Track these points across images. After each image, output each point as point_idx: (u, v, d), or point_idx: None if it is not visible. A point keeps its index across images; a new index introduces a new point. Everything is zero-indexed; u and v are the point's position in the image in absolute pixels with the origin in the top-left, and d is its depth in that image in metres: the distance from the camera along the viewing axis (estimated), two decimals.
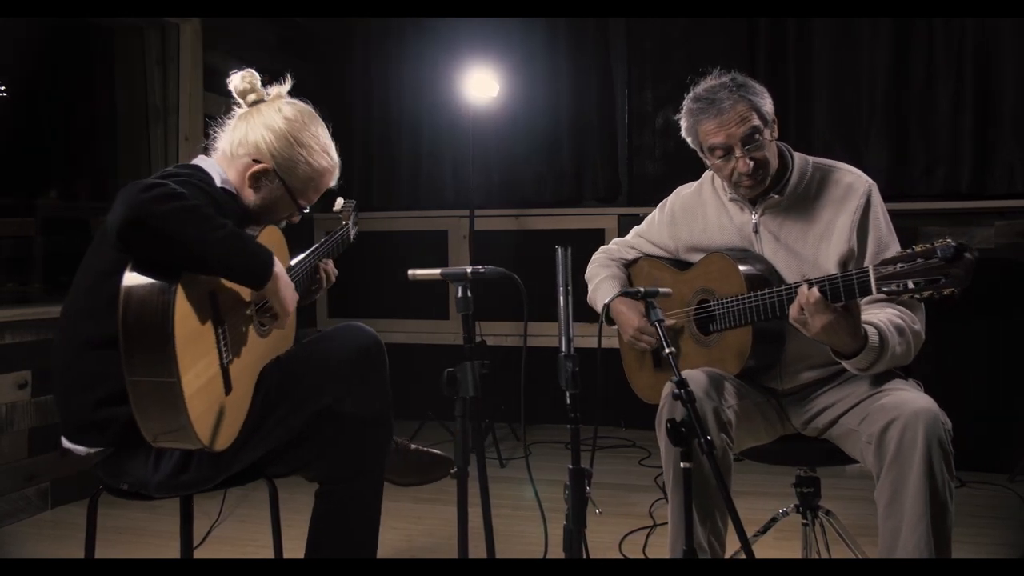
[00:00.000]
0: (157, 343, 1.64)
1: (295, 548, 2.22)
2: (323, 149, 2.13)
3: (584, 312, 2.44)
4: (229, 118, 2.14)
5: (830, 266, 2.23)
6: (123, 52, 4.50)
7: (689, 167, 2.60)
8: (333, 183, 2.21)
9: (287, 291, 1.91)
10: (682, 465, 1.85)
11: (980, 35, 4.39)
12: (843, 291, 1.93)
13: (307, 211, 2.17)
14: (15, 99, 4.60)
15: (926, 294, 1.80)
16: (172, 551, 2.46)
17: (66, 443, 1.93)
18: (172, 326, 1.64)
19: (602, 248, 2.79)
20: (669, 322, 2.42)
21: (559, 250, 1.86)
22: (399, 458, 2.42)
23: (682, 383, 1.83)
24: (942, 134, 4.51)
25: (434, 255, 5.07)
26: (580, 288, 2.58)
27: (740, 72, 2.32)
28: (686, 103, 2.33)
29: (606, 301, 2.24)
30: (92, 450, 1.91)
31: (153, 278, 1.67)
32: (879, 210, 2.26)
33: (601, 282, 2.64)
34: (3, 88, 4.44)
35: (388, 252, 5.08)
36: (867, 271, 1.88)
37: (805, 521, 2.40)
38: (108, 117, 4.65)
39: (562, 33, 5.13)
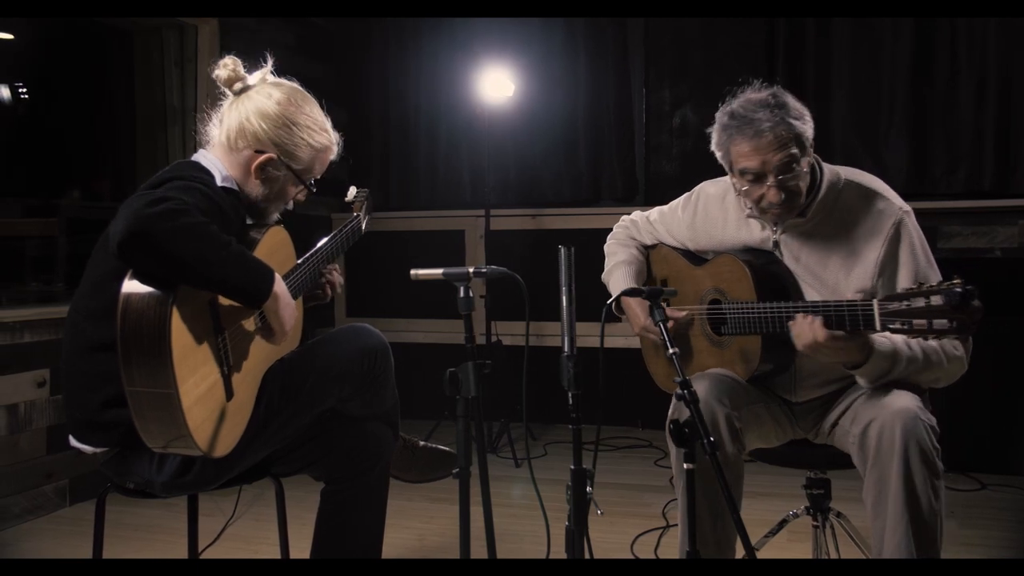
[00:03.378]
0: (154, 354, 1.64)
1: (308, 547, 2.23)
2: (320, 127, 2.10)
3: (591, 312, 2.42)
4: (218, 108, 2.11)
5: (849, 296, 2.12)
6: (142, 53, 4.55)
7: (706, 167, 2.54)
8: (334, 156, 2.18)
9: (286, 311, 1.89)
10: (685, 466, 1.83)
11: (1003, 32, 4.34)
12: (847, 322, 1.90)
13: (315, 189, 2.15)
14: (36, 101, 4.66)
15: (931, 337, 1.76)
16: (185, 548, 2.48)
17: (73, 442, 1.95)
18: (169, 338, 1.64)
19: (624, 220, 2.68)
20: (679, 313, 2.38)
21: (562, 250, 1.86)
22: (407, 455, 2.42)
23: (685, 384, 1.82)
24: (964, 132, 4.46)
25: (451, 255, 5.07)
26: (583, 288, 2.57)
27: (758, 74, 2.21)
28: (720, 116, 2.15)
29: (609, 302, 2.18)
30: (98, 450, 1.93)
31: (151, 288, 1.67)
32: (914, 240, 2.13)
33: (616, 266, 2.55)
34: (24, 90, 4.50)
35: (405, 252, 5.09)
36: (871, 305, 1.84)
37: (815, 523, 2.38)
38: (128, 118, 4.70)
39: (579, 32, 5.12)
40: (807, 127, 2.09)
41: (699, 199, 2.45)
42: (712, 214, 2.40)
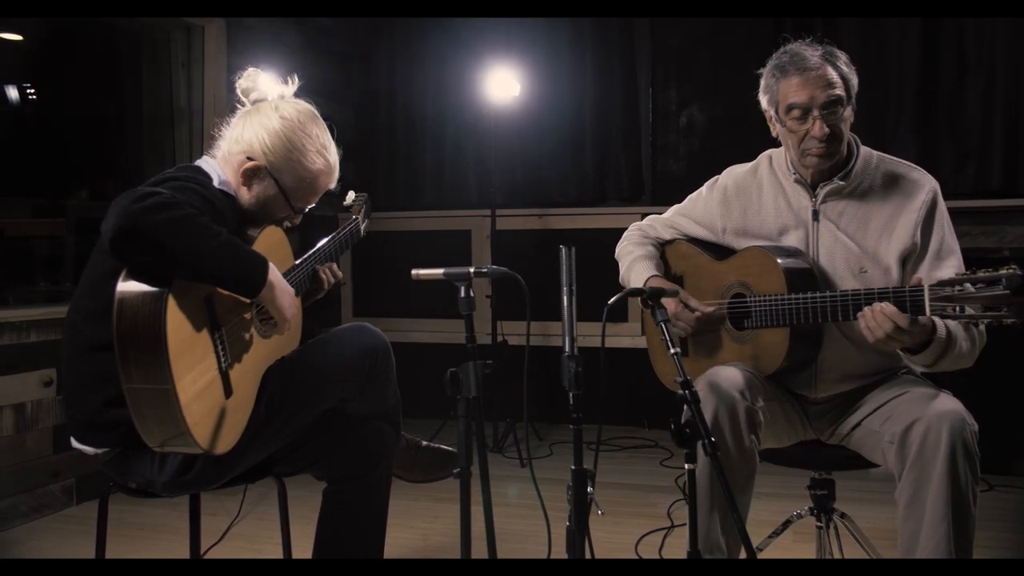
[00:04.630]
0: (150, 350, 1.65)
1: (311, 547, 2.23)
2: (318, 151, 2.09)
3: (600, 312, 2.38)
4: (231, 117, 2.14)
5: (890, 261, 2.17)
6: (150, 54, 4.56)
7: (714, 167, 2.53)
8: (332, 185, 2.17)
9: (284, 298, 1.90)
10: (686, 466, 1.82)
11: (1011, 31, 4.32)
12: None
13: (305, 211, 2.15)
14: (45, 101, 4.68)
15: (985, 322, 1.74)
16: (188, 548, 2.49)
17: (75, 443, 1.96)
18: (165, 333, 1.65)
19: (635, 225, 2.67)
20: (708, 308, 2.36)
21: (563, 249, 1.85)
22: (410, 455, 2.42)
23: (686, 384, 1.81)
24: (972, 131, 4.44)
25: (458, 255, 5.09)
26: (591, 287, 2.54)
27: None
28: (771, 60, 2.23)
29: (610, 302, 2.13)
30: (100, 450, 1.93)
31: (146, 286, 1.68)
32: (944, 211, 2.19)
33: (635, 262, 2.51)
34: (32, 91, 4.52)
35: (412, 252, 5.10)
36: (921, 291, 1.83)
37: (819, 523, 2.37)
38: (135, 118, 4.72)
39: (586, 32, 5.11)
40: (853, 77, 2.19)
41: (727, 177, 2.46)
42: (744, 187, 2.40)
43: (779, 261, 2.19)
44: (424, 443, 2.49)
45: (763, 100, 2.27)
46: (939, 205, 2.19)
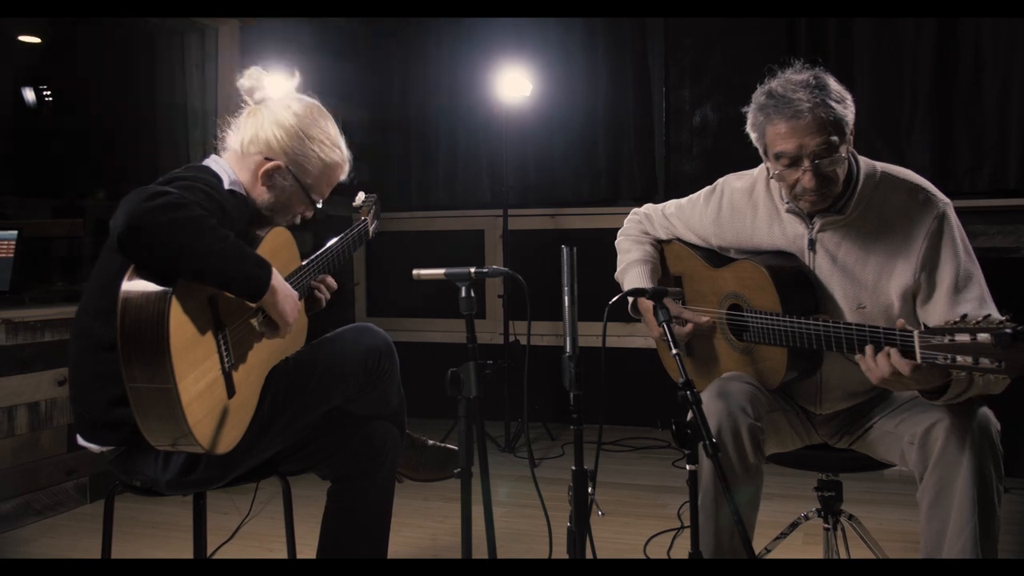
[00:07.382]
0: (153, 350, 1.66)
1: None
2: (333, 143, 2.12)
3: (612, 311, 2.36)
4: (237, 116, 2.15)
5: (891, 297, 2.07)
6: (164, 55, 4.60)
7: (726, 166, 2.49)
8: (344, 176, 2.20)
9: (286, 304, 1.89)
10: (688, 467, 1.82)
11: None
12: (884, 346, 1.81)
13: (320, 206, 2.17)
14: (61, 102, 4.73)
15: (976, 375, 1.70)
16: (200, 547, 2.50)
17: (81, 441, 1.97)
18: (167, 333, 1.65)
19: (634, 214, 2.62)
20: (703, 319, 2.33)
21: (564, 249, 1.85)
22: (415, 454, 2.43)
23: (688, 384, 1.80)
24: (988, 130, 4.40)
25: (470, 254, 5.10)
26: (600, 287, 2.53)
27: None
28: (757, 96, 2.08)
29: (612, 301, 2.10)
30: (105, 448, 1.95)
31: (150, 285, 1.69)
32: (956, 235, 2.04)
33: (630, 265, 2.48)
34: (49, 92, 4.57)
35: (425, 252, 5.12)
36: (911, 336, 1.72)
37: (827, 525, 2.36)
38: (150, 119, 4.76)
39: (599, 31, 5.11)
40: (847, 112, 2.02)
41: (724, 193, 2.36)
42: (739, 208, 2.31)
43: (771, 280, 2.12)
44: (430, 442, 2.49)
45: (752, 135, 2.13)
46: (947, 230, 2.04)
